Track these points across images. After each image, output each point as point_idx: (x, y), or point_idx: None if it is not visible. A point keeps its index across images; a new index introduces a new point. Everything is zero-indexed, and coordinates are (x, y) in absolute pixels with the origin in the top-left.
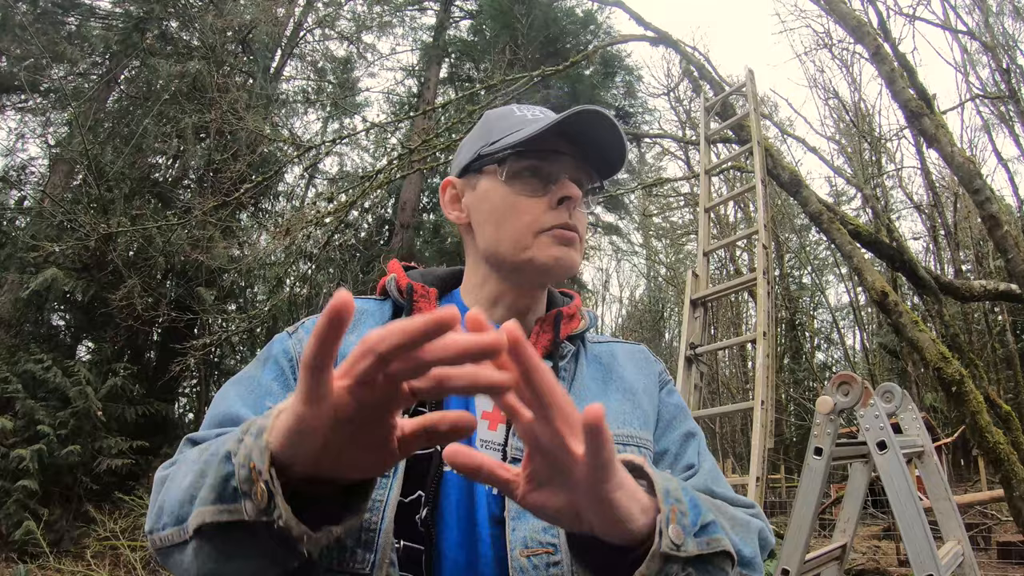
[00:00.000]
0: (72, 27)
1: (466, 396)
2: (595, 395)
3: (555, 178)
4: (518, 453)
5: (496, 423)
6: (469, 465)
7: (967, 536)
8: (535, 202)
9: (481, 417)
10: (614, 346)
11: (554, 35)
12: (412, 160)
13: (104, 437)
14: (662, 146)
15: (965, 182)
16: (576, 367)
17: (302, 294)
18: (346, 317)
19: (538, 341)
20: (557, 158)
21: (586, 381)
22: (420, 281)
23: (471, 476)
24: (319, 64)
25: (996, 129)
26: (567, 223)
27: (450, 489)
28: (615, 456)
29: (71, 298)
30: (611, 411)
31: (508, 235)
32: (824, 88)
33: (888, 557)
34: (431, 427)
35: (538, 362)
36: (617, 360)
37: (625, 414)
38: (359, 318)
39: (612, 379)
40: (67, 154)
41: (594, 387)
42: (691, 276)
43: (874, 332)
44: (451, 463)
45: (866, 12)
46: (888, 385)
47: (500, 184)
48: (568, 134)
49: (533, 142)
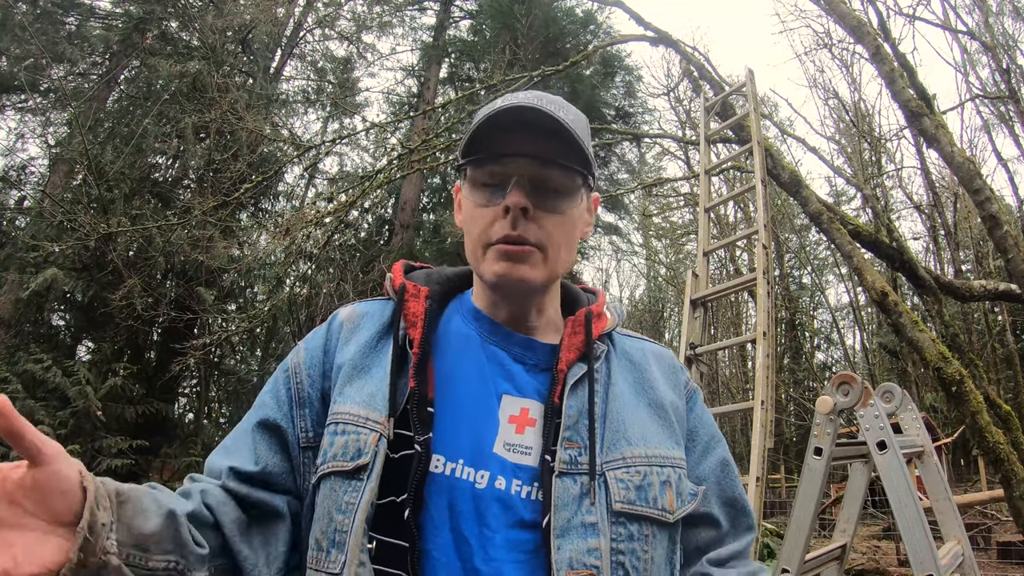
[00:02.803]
0: (72, 27)
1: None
2: (629, 406)
3: (507, 183)
4: (561, 462)
5: (523, 427)
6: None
7: (967, 536)
8: (486, 212)
9: (508, 421)
10: (645, 344)
11: (554, 35)
12: (412, 160)
13: (104, 437)
14: (662, 146)
15: (965, 182)
16: (610, 368)
17: (302, 294)
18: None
19: (571, 343)
20: (510, 160)
21: (620, 386)
22: (421, 281)
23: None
24: (319, 64)
25: (996, 129)
26: (509, 235)
27: (439, 491)
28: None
29: (71, 298)
30: (643, 427)
31: (469, 247)
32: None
33: (888, 557)
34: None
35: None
36: (649, 363)
37: (657, 432)
38: (360, 322)
39: (644, 387)
40: (67, 154)
41: (628, 393)
42: (691, 276)
43: (874, 332)
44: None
45: (866, 12)
46: (888, 385)
47: (467, 191)
48: (526, 126)
49: (474, 146)
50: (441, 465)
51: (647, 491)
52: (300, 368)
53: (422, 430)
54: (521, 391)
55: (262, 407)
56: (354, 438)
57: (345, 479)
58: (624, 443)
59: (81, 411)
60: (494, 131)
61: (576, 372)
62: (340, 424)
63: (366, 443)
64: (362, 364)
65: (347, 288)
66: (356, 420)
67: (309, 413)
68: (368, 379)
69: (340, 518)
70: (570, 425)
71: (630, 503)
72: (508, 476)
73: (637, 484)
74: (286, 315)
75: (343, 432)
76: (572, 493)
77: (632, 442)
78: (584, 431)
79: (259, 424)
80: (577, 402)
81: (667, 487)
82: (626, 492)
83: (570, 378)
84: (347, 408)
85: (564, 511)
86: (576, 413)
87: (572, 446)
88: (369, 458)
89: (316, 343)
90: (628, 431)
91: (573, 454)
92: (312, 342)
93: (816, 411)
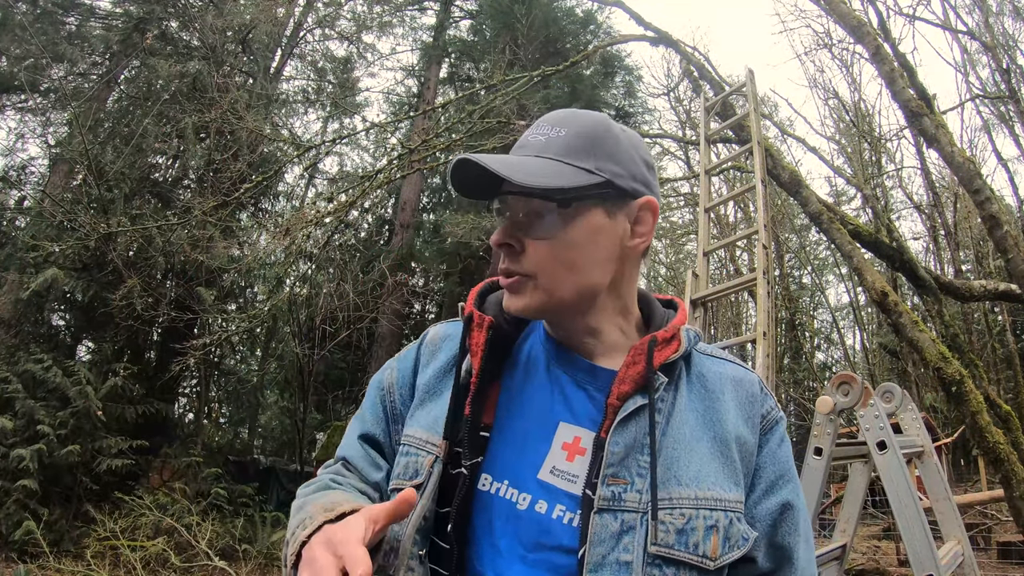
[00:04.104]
0: (72, 27)
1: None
2: (688, 441)
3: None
4: (602, 499)
5: (573, 455)
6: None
7: (967, 536)
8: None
9: (561, 448)
10: (726, 368)
11: (554, 35)
12: (412, 160)
13: (104, 437)
14: (662, 146)
15: (965, 182)
16: (675, 397)
17: (302, 294)
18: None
19: (627, 375)
20: (496, 199)
21: (685, 414)
22: (497, 305)
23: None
24: (319, 64)
25: (996, 129)
26: (501, 270)
27: (483, 508)
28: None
29: (71, 298)
30: (700, 465)
31: None
32: (824, 88)
33: (888, 557)
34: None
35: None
36: (724, 391)
37: (715, 471)
38: (440, 344)
39: (712, 419)
40: (67, 154)
41: (692, 423)
42: (691, 276)
43: (874, 332)
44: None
45: (866, 12)
46: (888, 385)
47: None
48: (480, 176)
49: (477, 192)
50: (488, 484)
51: (689, 536)
52: (393, 388)
53: (471, 454)
54: (577, 419)
55: (363, 421)
56: (414, 459)
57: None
58: (673, 483)
59: (81, 411)
60: (463, 183)
61: (629, 406)
62: (406, 445)
63: (422, 464)
64: (435, 388)
65: (347, 288)
66: (419, 443)
67: (402, 429)
68: (437, 403)
69: (397, 529)
70: (614, 462)
71: (668, 547)
72: (551, 501)
73: (679, 528)
74: (286, 315)
75: (407, 453)
76: (611, 530)
77: (683, 482)
78: (634, 467)
79: (362, 437)
80: (625, 438)
81: (713, 532)
82: (665, 535)
83: (621, 413)
84: (414, 431)
85: (600, 547)
86: (623, 450)
87: (617, 482)
88: (424, 478)
89: (407, 364)
90: (680, 470)
91: (617, 491)
92: (404, 362)
93: (816, 411)
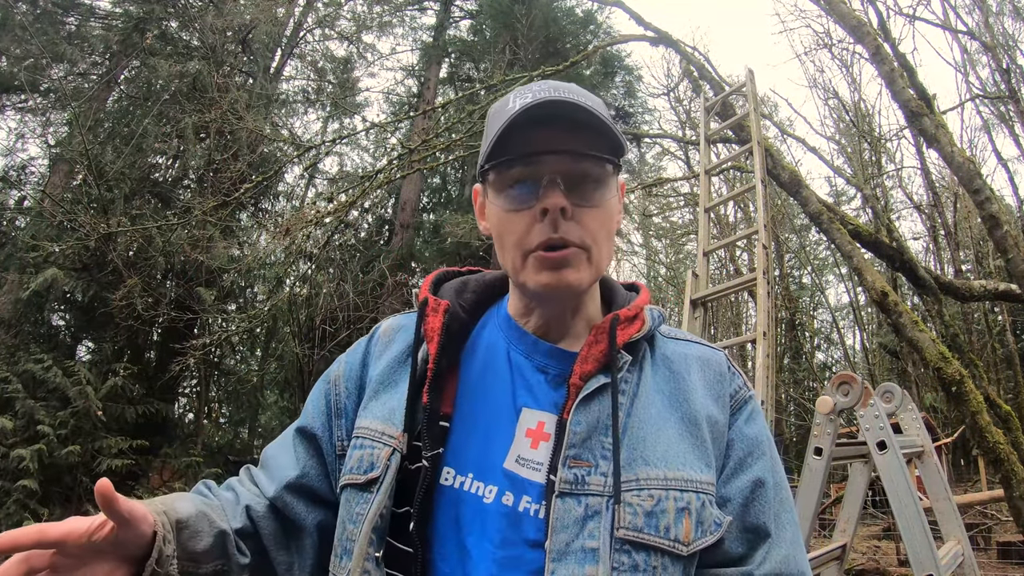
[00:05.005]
0: (72, 27)
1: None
2: (654, 421)
3: (538, 183)
4: (563, 481)
5: (538, 442)
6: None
7: (967, 536)
8: (521, 217)
9: (524, 435)
10: (691, 348)
11: (554, 35)
12: (412, 160)
13: (104, 437)
14: (662, 146)
15: (965, 182)
16: (640, 377)
17: (302, 294)
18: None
19: (589, 353)
20: (538, 159)
21: (651, 395)
22: (452, 292)
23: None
24: (319, 64)
25: (996, 129)
26: (550, 240)
27: (447, 504)
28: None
29: (71, 298)
30: (667, 445)
31: (506, 255)
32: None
33: (888, 557)
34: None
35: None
36: (690, 371)
37: (684, 451)
38: (394, 336)
39: (679, 399)
40: (67, 154)
41: (659, 404)
42: (691, 276)
43: (874, 332)
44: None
45: (866, 12)
46: (888, 385)
47: (494, 196)
48: (553, 119)
49: (499, 148)
50: (451, 478)
51: (659, 518)
52: (340, 380)
53: (432, 445)
54: (539, 403)
55: (304, 415)
56: (369, 452)
57: (358, 491)
58: (640, 463)
59: (81, 411)
60: (514, 130)
61: (592, 385)
62: (360, 438)
63: (379, 457)
64: (389, 379)
65: (347, 288)
66: (374, 435)
67: (344, 423)
68: (392, 394)
69: (351, 528)
70: (576, 443)
71: (636, 530)
72: (517, 492)
73: (648, 510)
74: (286, 315)
75: (361, 446)
76: (574, 515)
77: (650, 462)
78: (598, 449)
79: (298, 431)
80: (588, 418)
81: (684, 515)
82: (633, 518)
83: (583, 392)
84: (368, 423)
85: (563, 534)
86: (585, 430)
87: (579, 464)
88: (380, 472)
89: (356, 357)
90: (647, 450)
91: (580, 473)
92: (352, 356)
93: (816, 411)
